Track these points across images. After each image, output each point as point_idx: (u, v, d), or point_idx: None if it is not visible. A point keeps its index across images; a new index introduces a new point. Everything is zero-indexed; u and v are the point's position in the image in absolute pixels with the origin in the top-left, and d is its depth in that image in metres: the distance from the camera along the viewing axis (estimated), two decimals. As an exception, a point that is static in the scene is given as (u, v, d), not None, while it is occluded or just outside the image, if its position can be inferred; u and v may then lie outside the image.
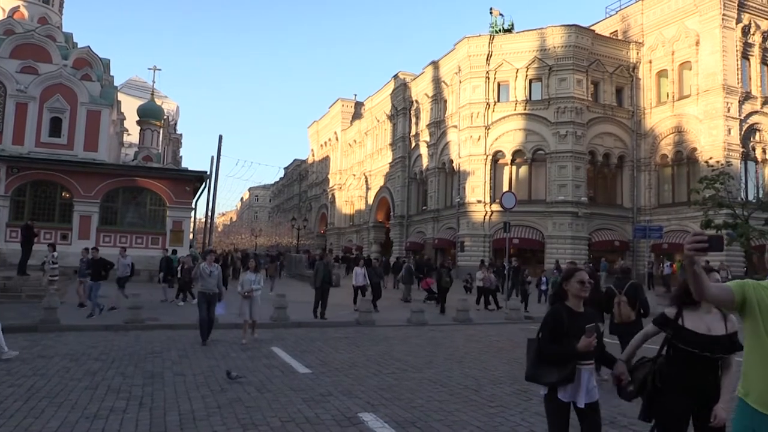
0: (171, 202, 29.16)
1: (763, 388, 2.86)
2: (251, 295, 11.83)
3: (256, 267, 12.58)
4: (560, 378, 3.87)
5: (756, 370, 2.92)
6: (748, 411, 2.93)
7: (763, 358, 2.89)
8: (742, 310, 3.00)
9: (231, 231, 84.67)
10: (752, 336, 2.96)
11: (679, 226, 37.87)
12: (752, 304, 2.94)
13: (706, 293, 3.02)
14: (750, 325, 2.98)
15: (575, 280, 3.99)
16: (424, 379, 8.80)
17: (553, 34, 40.29)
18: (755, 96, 38.19)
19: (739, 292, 2.98)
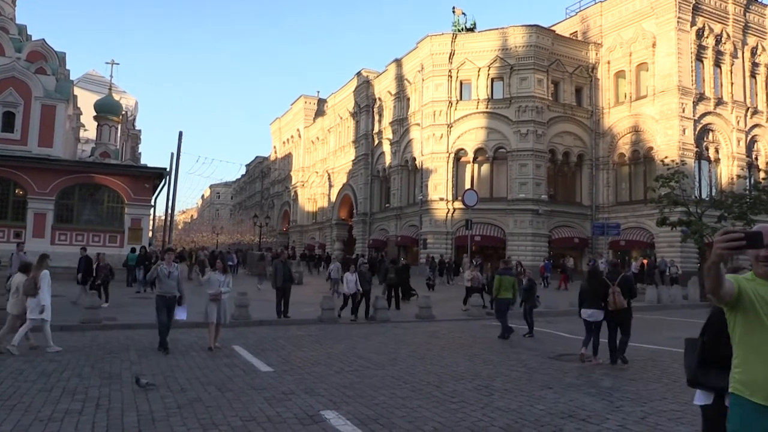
0: (129, 199, 28.60)
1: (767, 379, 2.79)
2: (219, 299, 10.88)
3: (224, 268, 11.66)
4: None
5: (756, 362, 2.83)
6: (749, 406, 2.84)
7: (764, 349, 2.81)
8: (736, 304, 2.90)
9: (192, 229, 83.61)
10: (750, 329, 2.88)
11: (636, 224, 38.79)
12: (748, 296, 2.87)
13: (721, 290, 2.86)
14: (746, 317, 2.89)
15: None
16: (386, 376, 8.81)
17: (514, 33, 40.77)
18: (708, 97, 39.29)
19: (736, 285, 2.89)
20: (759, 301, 2.86)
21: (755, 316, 2.85)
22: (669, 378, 9.09)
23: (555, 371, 9.47)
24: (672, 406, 7.29)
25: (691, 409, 7.09)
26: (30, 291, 9.97)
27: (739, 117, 40.78)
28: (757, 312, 2.85)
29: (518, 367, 9.74)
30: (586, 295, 10.62)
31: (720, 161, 40.36)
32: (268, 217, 63.12)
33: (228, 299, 11.36)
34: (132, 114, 75.80)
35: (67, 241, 27.12)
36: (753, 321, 2.86)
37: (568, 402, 7.33)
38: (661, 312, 19.32)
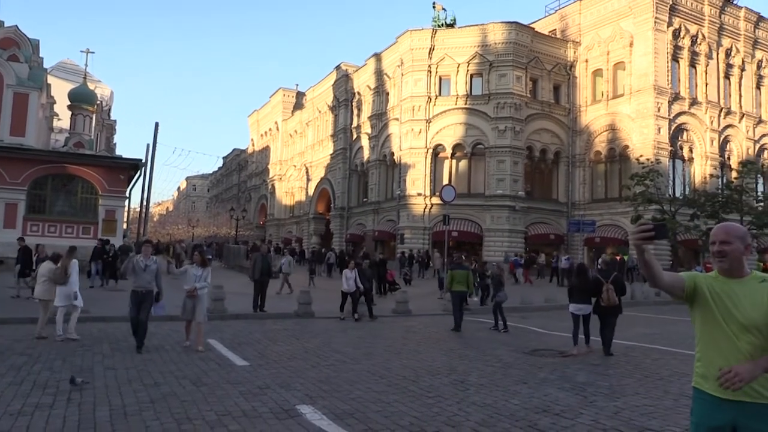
0: (104, 190, 28.17)
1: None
2: (195, 294, 10.16)
3: (203, 261, 10.71)
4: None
5: (714, 356, 2.93)
6: (708, 399, 2.94)
7: (720, 343, 2.91)
8: (693, 299, 3.02)
9: (167, 221, 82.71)
10: (707, 324, 2.98)
11: (611, 221, 39.26)
12: (704, 293, 2.97)
13: (659, 281, 3.03)
14: (703, 313, 2.99)
15: None
16: (362, 370, 8.81)
17: (494, 30, 40.92)
18: (683, 97, 39.85)
19: (690, 281, 3.02)
20: (714, 296, 2.96)
21: (710, 312, 2.96)
22: (641, 373, 9.21)
23: (530, 366, 9.55)
24: (645, 401, 7.39)
25: (663, 404, 7.20)
26: (60, 280, 10.57)
27: (713, 117, 41.43)
28: (712, 308, 2.95)
29: (494, 362, 9.80)
30: (575, 290, 11.19)
31: (694, 160, 40.99)
32: (244, 210, 62.74)
33: (206, 295, 10.68)
34: (107, 104, 74.68)
35: (39, 232, 26.63)
36: (709, 316, 2.97)
37: (542, 397, 7.40)
38: (634, 308, 19.57)
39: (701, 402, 2.99)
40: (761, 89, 45.46)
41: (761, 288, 2.90)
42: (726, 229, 3.04)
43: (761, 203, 34.92)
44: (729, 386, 2.74)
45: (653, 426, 6.23)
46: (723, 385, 2.76)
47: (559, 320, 15.53)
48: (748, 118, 43.63)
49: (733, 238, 2.97)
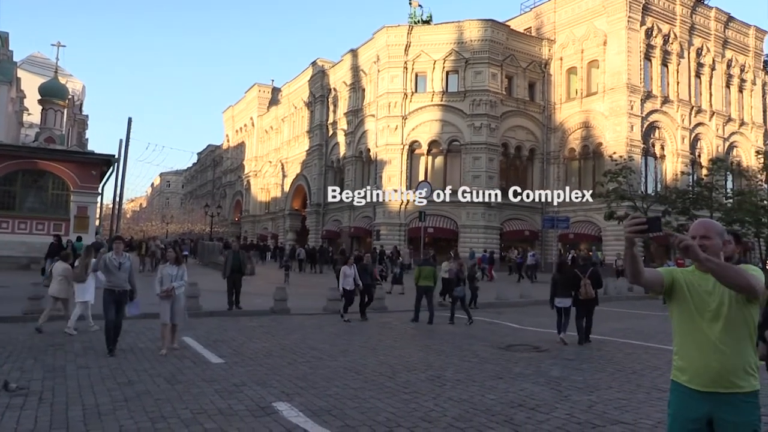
0: (75, 186, 27.71)
1: (699, 365, 2.96)
2: (171, 294, 9.52)
3: (177, 258, 9.98)
4: None
5: (690, 349, 3.01)
6: (685, 392, 3.02)
7: (695, 336, 2.99)
8: (671, 294, 3.10)
9: (141, 218, 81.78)
10: (683, 318, 3.06)
11: (584, 217, 39.71)
12: (681, 287, 3.06)
13: (640, 276, 3.09)
14: (679, 307, 3.08)
15: None
16: (339, 367, 8.80)
17: (470, 27, 41.08)
18: (656, 95, 40.46)
19: (668, 275, 3.11)
20: (691, 290, 3.04)
21: (686, 305, 3.04)
22: (614, 367, 9.34)
23: (505, 361, 9.62)
24: (618, 394, 7.49)
25: (635, 398, 7.31)
26: (80, 278, 10.95)
27: (684, 115, 42.12)
28: (688, 301, 3.03)
29: (470, 358, 9.86)
30: (558, 285, 12.06)
31: (665, 158, 41.64)
32: (219, 207, 62.21)
33: (183, 294, 10.07)
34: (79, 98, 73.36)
35: (8, 229, 26.13)
36: (685, 310, 3.06)
37: (518, 392, 7.46)
38: (606, 303, 19.82)
39: (678, 394, 3.07)
40: (731, 88, 46.35)
41: None
42: (706, 225, 3.11)
43: (730, 200, 35.58)
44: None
45: (626, 419, 6.33)
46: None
47: (535, 316, 15.68)
48: (718, 116, 44.45)
49: (712, 233, 3.05)
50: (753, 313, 2.97)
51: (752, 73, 47.70)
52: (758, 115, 48.36)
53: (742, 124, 46.72)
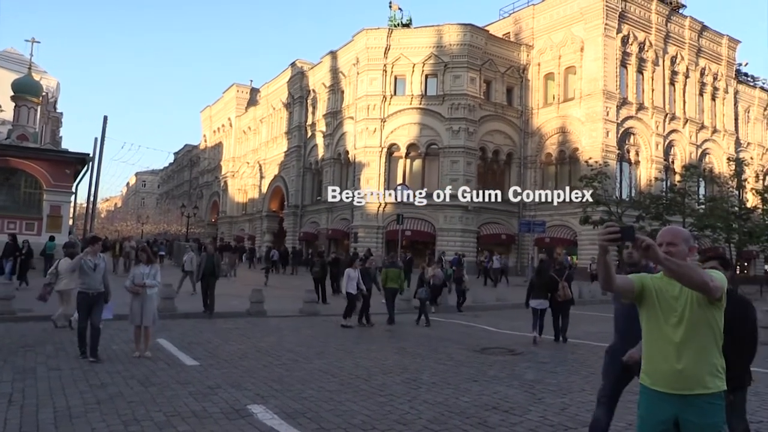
0: (49, 185, 27.32)
1: (664, 368, 3.04)
2: (140, 291, 9.26)
3: (149, 259, 9.78)
4: None
5: (656, 353, 3.10)
6: (652, 394, 3.10)
7: (661, 340, 3.07)
8: (641, 300, 3.18)
9: (115, 217, 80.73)
10: (652, 323, 3.14)
11: (560, 222, 40.11)
12: (651, 293, 3.14)
13: (612, 283, 3.17)
14: (648, 312, 3.17)
15: None
16: (314, 369, 8.79)
17: (449, 31, 41.29)
18: (631, 102, 41.04)
19: (638, 282, 3.18)
20: (659, 296, 3.13)
21: (654, 311, 3.13)
22: (587, 370, 9.45)
23: (480, 364, 9.69)
24: (590, 397, 7.56)
25: (607, 401, 7.41)
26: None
27: (658, 122, 42.78)
28: (656, 306, 3.12)
29: (445, 361, 9.91)
30: (535, 287, 12.70)
31: (640, 164, 42.24)
32: (196, 207, 61.67)
33: (155, 295, 9.86)
34: (53, 96, 72.21)
35: (-21, 227, 25.67)
36: (653, 315, 3.15)
37: (492, 394, 7.52)
38: (580, 307, 20.02)
39: (646, 397, 3.15)
40: (704, 96, 47.18)
41: None
42: (672, 231, 3.21)
43: (702, 206, 36.20)
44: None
45: (598, 422, 6.40)
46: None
47: (510, 319, 15.81)
48: (692, 123, 45.21)
49: (679, 240, 3.14)
50: (717, 316, 3.06)
51: (725, 82, 48.61)
52: (730, 123, 49.30)
53: (715, 132, 47.58)
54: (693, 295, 3.02)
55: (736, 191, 38.78)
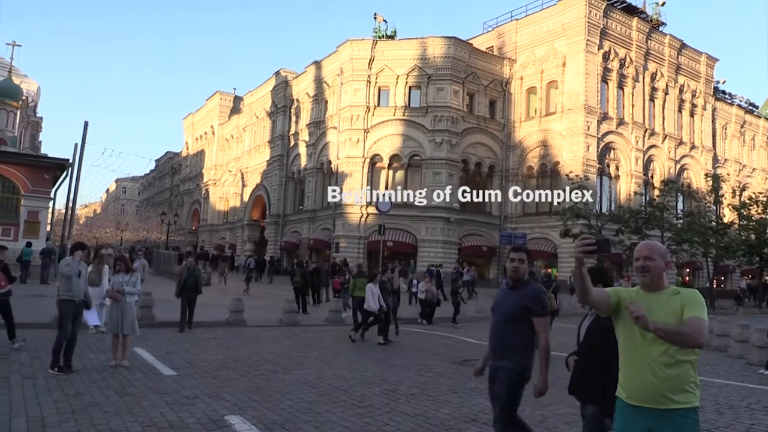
0: (26, 190, 26.93)
1: (639, 382, 3.08)
2: (119, 298, 9.14)
3: (127, 267, 9.71)
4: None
5: (631, 367, 3.14)
6: (627, 407, 3.14)
7: (637, 355, 3.11)
8: (616, 313, 3.22)
9: (94, 224, 79.71)
10: (627, 336, 3.18)
11: (541, 234, 40.37)
12: (625, 307, 3.15)
13: (589, 295, 3.22)
14: (623, 326, 3.20)
15: None
16: (294, 380, 8.75)
17: (433, 44, 41.57)
18: (611, 117, 41.55)
19: (614, 295, 3.23)
20: None
21: (629, 325, 3.14)
22: (565, 382, 9.47)
23: (460, 376, 9.70)
24: (568, 410, 7.61)
25: (585, 414, 7.45)
26: (96, 281, 11.49)
27: (638, 137, 43.33)
28: (629, 321, 3.11)
29: (425, 372, 9.92)
30: None
31: (620, 178, 42.70)
32: (176, 215, 61.30)
33: (134, 304, 9.65)
34: (33, 100, 71.42)
35: (-46, 232, 25.23)
36: (628, 329, 3.17)
37: (471, 406, 7.54)
38: (560, 319, 20.13)
39: (622, 410, 3.19)
40: (682, 113, 47.90)
41: (675, 299, 3.12)
42: (650, 246, 3.26)
43: (681, 220, 36.68)
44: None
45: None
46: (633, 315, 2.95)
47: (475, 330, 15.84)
48: (670, 139, 45.85)
49: (655, 255, 3.19)
50: None
51: (703, 99, 49.42)
52: (708, 140, 50.08)
53: (693, 148, 48.29)
54: (670, 313, 3.07)
55: (714, 206, 39.37)
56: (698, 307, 3.05)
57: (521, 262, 4.74)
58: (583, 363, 4.26)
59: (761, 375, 11.39)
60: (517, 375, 4.67)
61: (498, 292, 5.23)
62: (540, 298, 4.77)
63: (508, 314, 4.73)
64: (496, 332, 4.81)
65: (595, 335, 4.12)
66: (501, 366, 4.68)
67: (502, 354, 4.70)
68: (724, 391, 9.45)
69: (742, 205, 38.85)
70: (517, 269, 4.74)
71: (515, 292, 4.78)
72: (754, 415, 8.01)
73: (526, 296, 4.69)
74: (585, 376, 4.22)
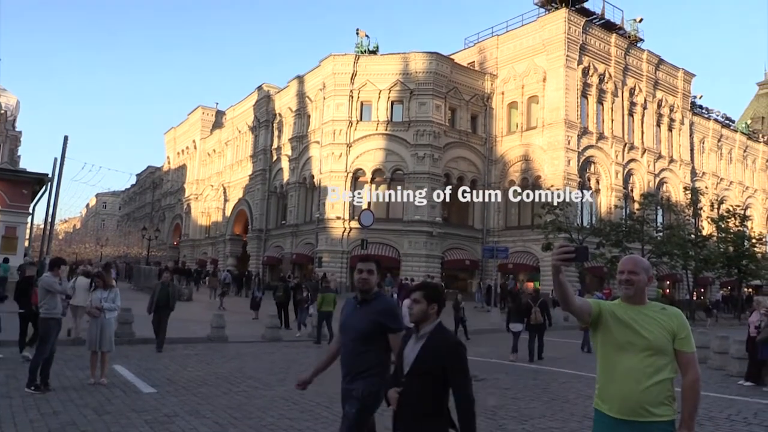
0: (4, 205, 26.56)
1: (618, 394, 3.09)
2: (97, 314, 8.97)
3: (106, 283, 9.51)
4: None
5: (611, 379, 3.15)
6: (606, 420, 3.14)
7: (616, 367, 3.13)
8: (596, 325, 3.24)
9: (74, 239, 78.90)
10: (606, 348, 3.20)
11: (523, 248, 40.58)
12: (606, 319, 3.20)
13: (570, 303, 3.23)
14: (603, 338, 3.22)
15: None
16: (275, 396, 8.68)
17: (415, 59, 41.84)
18: (591, 131, 42.01)
19: (596, 307, 3.25)
20: (616, 322, 3.19)
21: (610, 337, 3.19)
22: (549, 396, 9.52)
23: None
24: (551, 423, 7.64)
25: (568, 426, 7.47)
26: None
27: (618, 151, 43.83)
28: (612, 333, 3.17)
29: (408, 387, 9.86)
30: (512, 313, 15.05)
31: (600, 192, 43.11)
32: (158, 230, 60.74)
33: (114, 320, 9.54)
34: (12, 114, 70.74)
35: (-72, 248, 24.77)
36: (608, 341, 3.21)
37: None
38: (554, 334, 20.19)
39: (600, 422, 3.21)
40: (661, 127, 48.58)
41: (663, 314, 3.17)
42: (634, 260, 3.31)
43: (660, 233, 37.07)
44: None
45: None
46: None
47: (474, 345, 15.83)
48: (649, 153, 46.44)
49: (639, 269, 3.24)
50: (671, 347, 3.12)
51: (680, 113, 50.18)
52: (686, 153, 50.79)
53: (672, 161, 48.94)
54: (653, 327, 3.11)
55: (693, 219, 39.87)
56: (691, 338, 3.15)
57: (370, 273, 4.27)
58: (412, 397, 3.44)
59: (740, 386, 11.49)
60: (371, 398, 4.13)
61: (344, 308, 4.47)
62: (394, 312, 4.31)
63: (360, 333, 4.17)
64: (348, 355, 4.24)
65: (432, 359, 3.41)
66: (354, 388, 4.15)
67: (355, 377, 4.16)
68: (703, 403, 9.50)
69: (720, 217, 39.39)
70: (366, 281, 4.26)
71: (365, 307, 4.23)
72: (734, 426, 8.08)
73: (379, 311, 4.20)
74: (417, 413, 3.42)
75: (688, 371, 3.11)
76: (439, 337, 3.47)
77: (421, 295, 3.61)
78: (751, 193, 59.35)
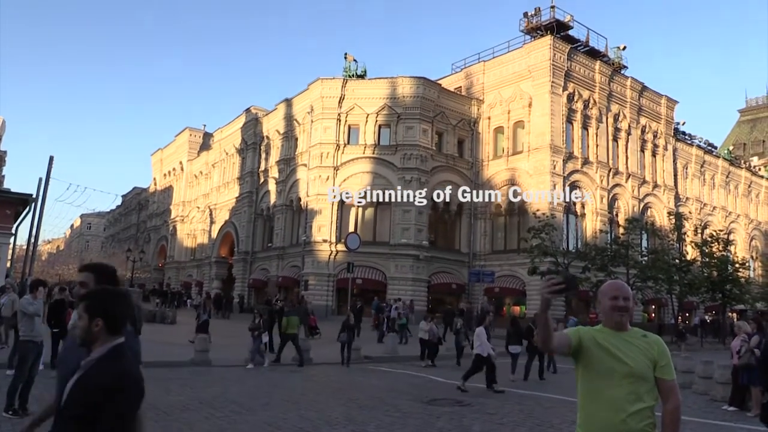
0: (-14, 226, 26.25)
1: (600, 423, 3.06)
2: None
3: None
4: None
5: (593, 407, 3.12)
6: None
7: (598, 395, 3.10)
8: (577, 354, 3.18)
9: (57, 260, 77.93)
10: (588, 376, 3.16)
11: (509, 272, 40.63)
12: (588, 347, 3.15)
13: (550, 342, 3.17)
14: (585, 366, 3.17)
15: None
16: (258, 421, 8.58)
17: (403, 84, 42.20)
18: (576, 156, 42.42)
19: (575, 337, 3.18)
20: (596, 350, 3.15)
21: (590, 364, 3.16)
22: (533, 421, 9.49)
23: (428, 416, 9.62)
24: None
25: (551, 453, 7.44)
26: None
27: (603, 176, 44.24)
28: (592, 360, 3.14)
29: (392, 412, 9.81)
30: (511, 336, 15.60)
31: (585, 216, 43.41)
32: (143, 252, 60.24)
33: None
34: (-3, 135, 70.31)
35: None
36: (590, 369, 3.17)
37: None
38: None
39: None
40: (645, 152, 49.16)
41: (644, 341, 3.17)
42: (626, 286, 3.32)
43: (645, 258, 37.31)
44: None
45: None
46: None
47: (462, 369, 15.78)
48: (634, 178, 46.92)
49: (630, 295, 3.25)
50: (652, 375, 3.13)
51: (664, 139, 50.82)
52: (669, 179, 51.35)
53: (656, 187, 49.45)
54: (634, 354, 3.10)
55: (677, 244, 40.21)
56: (671, 366, 3.17)
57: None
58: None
59: (725, 411, 11.52)
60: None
61: (64, 345, 3.79)
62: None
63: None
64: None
65: (83, 400, 2.63)
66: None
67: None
68: (687, 428, 9.52)
69: (704, 242, 39.76)
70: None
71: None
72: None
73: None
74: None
75: (669, 398, 3.11)
76: (101, 367, 2.65)
77: (83, 307, 2.80)
78: (733, 218, 60.01)
